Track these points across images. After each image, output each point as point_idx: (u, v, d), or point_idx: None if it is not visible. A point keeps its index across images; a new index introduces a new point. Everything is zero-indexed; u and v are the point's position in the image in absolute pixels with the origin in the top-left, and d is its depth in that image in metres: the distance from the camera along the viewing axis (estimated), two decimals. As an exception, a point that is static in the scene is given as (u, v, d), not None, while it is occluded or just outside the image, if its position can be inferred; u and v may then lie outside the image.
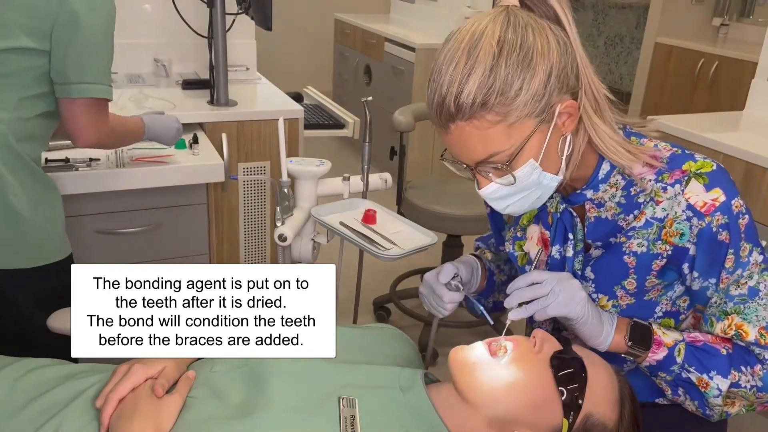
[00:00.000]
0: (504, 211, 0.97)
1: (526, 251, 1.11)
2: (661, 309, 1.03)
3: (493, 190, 0.93)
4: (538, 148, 0.89)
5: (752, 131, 2.30)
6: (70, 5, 1.29)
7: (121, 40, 2.45)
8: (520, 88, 0.84)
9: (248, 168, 2.18)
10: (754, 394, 0.95)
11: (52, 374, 1.02)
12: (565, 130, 0.91)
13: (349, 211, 1.34)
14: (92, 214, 1.89)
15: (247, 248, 2.27)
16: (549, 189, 0.95)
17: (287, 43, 5.28)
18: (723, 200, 0.92)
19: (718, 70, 3.79)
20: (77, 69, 1.32)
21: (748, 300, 0.95)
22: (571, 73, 0.88)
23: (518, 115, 0.85)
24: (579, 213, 1.04)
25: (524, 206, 0.96)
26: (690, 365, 0.96)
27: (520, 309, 0.97)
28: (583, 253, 1.04)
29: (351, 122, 2.35)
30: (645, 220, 0.96)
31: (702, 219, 0.92)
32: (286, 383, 0.92)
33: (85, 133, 1.39)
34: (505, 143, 0.87)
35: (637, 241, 0.97)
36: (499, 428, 0.91)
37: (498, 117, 0.85)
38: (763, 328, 0.94)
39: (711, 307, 0.98)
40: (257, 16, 2.15)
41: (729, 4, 4.28)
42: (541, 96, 0.85)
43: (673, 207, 0.94)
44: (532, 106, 0.85)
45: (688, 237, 0.94)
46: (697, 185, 0.93)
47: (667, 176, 0.95)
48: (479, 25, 0.86)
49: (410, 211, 2.43)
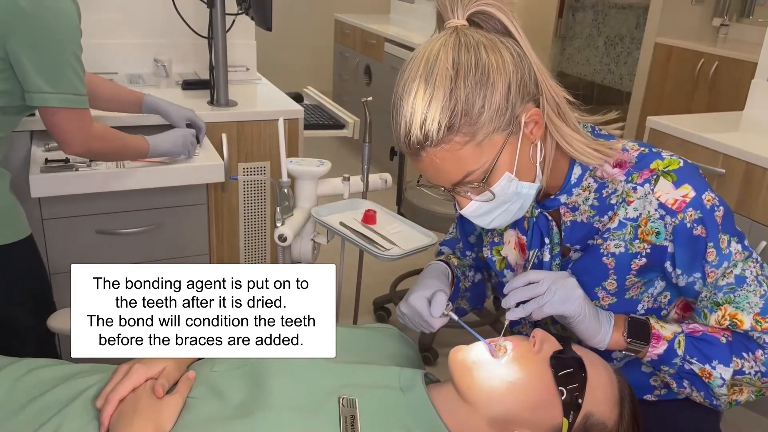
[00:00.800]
0: (489, 226, 0.98)
1: (504, 255, 1.12)
2: (643, 306, 1.04)
3: (474, 208, 0.94)
4: (511, 161, 0.90)
5: (752, 131, 2.29)
6: (24, 11, 1.29)
7: (121, 40, 2.48)
8: (483, 106, 0.85)
9: (248, 168, 2.18)
10: (759, 380, 0.95)
11: (52, 374, 1.03)
12: (534, 137, 0.92)
13: (349, 212, 1.35)
14: (92, 215, 1.89)
15: (247, 248, 2.27)
16: (529, 198, 0.96)
17: (287, 44, 5.28)
18: (693, 195, 0.93)
19: (718, 70, 3.79)
20: (37, 78, 1.33)
21: (736, 288, 0.95)
22: (530, 82, 0.89)
23: (485, 132, 0.86)
24: (555, 217, 1.04)
25: (508, 218, 0.98)
26: (692, 356, 0.96)
27: (518, 309, 0.97)
28: (560, 257, 1.05)
29: (351, 122, 2.35)
30: (618, 221, 0.97)
31: (674, 216, 0.93)
32: (286, 383, 0.93)
33: (64, 142, 1.41)
34: (478, 161, 0.88)
35: (613, 242, 0.98)
36: (499, 428, 0.91)
37: (466, 137, 0.86)
38: (757, 314, 0.94)
39: (702, 300, 0.99)
40: (257, 16, 2.15)
41: (729, 5, 4.28)
42: (504, 110, 0.86)
43: (645, 206, 0.95)
44: (497, 121, 0.86)
45: (665, 235, 0.95)
46: (665, 183, 0.94)
47: (636, 176, 0.96)
48: (431, 50, 0.86)
49: (410, 211, 2.43)
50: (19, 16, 1.28)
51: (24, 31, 1.30)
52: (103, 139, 1.50)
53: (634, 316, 1.00)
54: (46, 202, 1.83)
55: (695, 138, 2.12)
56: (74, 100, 1.38)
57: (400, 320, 1.10)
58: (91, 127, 1.44)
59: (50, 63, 1.34)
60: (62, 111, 1.37)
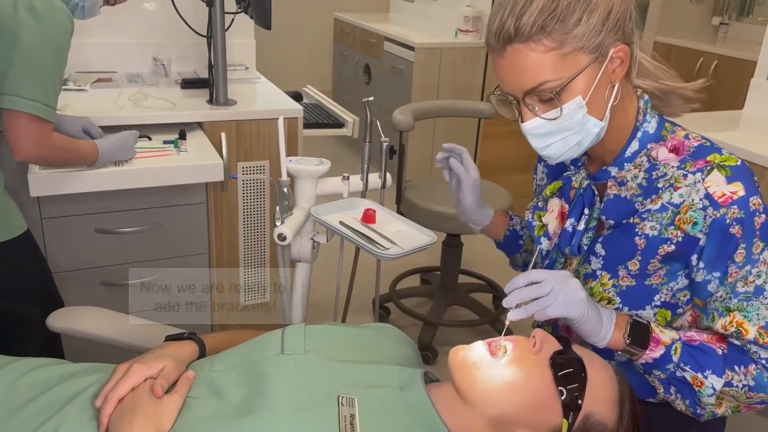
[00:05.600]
0: (543, 151, 0.98)
1: (544, 223, 1.12)
2: (660, 298, 1.04)
3: (537, 125, 0.95)
4: (586, 87, 0.91)
5: (751, 130, 2.29)
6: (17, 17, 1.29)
7: (120, 40, 2.48)
8: (579, 20, 0.87)
9: (248, 167, 2.18)
10: (745, 394, 0.96)
11: (52, 374, 1.02)
12: (615, 77, 0.94)
13: (349, 211, 1.34)
14: (92, 214, 1.89)
15: (246, 248, 2.27)
16: (590, 134, 0.96)
17: (287, 43, 5.28)
18: (742, 195, 0.93)
19: (717, 69, 3.79)
20: (15, 81, 1.33)
21: (752, 298, 0.95)
22: (628, 22, 0.92)
23: (574, 46, 0.88)
24: (600, 191, 1.06)
25: (563, 149, 0.97)
26: (686, 364, 0.96)
27: (520, 309, 0.97)
28: (594, 231, 1.06)
29: (350, 121, 2.34)
30: (661, 204, 0.98)
31: (717, 209, 0.93)
32: (285, 382, 0.92)
33: (18, 147, 1.40)
34: (556, 73, 0.89)
35: (650, 224, 0.99)
36: (498, 428, 0.91)
37: (554, 44, 0.88)
38: (762, 327, 0.94)
39: (715, 301, 0.98)
40: (256, 15, 2.15)
41: (728, 3, 4.27)
42: (598, 32, 0.89)
43: (690, 194, 0.96)
44: (587, 40, 0.88)
45: (701, 226, 0.95)
46: (718, 176, 0.95)
47: (689, 164, 0.97)
48: None
49: (410, 210, 2.43)
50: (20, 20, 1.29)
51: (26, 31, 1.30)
52: (55, 149, 1.50)
53: (637, 318, 0.99)
54: (46, 202, 1.83)
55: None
56: (43, 110, 1.38)
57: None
58: (50, 138, 1.44)
59: (34, 70, 1.34)
60: (26, 117, 1.36)
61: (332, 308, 1.62)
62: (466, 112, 2.83)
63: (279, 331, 1.04)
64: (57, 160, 1.56)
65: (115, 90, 2.24)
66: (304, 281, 1.42)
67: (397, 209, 2.51)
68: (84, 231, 1.89)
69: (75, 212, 1.86)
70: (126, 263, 1.95)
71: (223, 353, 1.04)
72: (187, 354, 1.05)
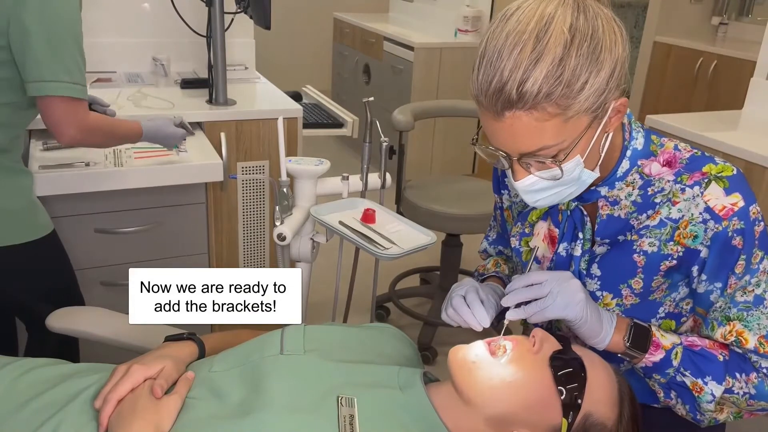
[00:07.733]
0: (534, 203, 0.95)
1: (531, 247, 1.10)
2: (664, 310, 1.03)
3: (531, 182, 0.90)
4: (585, 145, 0.87)
5: (751, 130, 2.29)
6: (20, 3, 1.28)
7: (120, 39, 2.48)
8: (586, 82, 0.81)
9: (247, 167, 2.18)
10: (746, 401, 0.96)
11: (51, 374, 1.02)
12: (610, 127, 0.89)
13: (349, 211, 1.34)
14: (92, 214, 1.89)
15: (246, 247, 2.27)
16: (584, 185, 0.94)
17: (286, 42, 5.28)
18: (742, 205, 0.92)
19: (716, 68, 3.79)
20: (36, 67, 1.32)
21: (752, 308, 0.95)
22: (627, 70, 0.86)
23: (577, 109, 0.82)
24: (589, 211, 1.03)
25: (555, 200, 0.95)
26: (686, 369, 0.96)
27: (518, 309, 0.97)
28: (589, 252, 1.04)
29: (350, 121, 2.34)
30: (659, 220, 0.96)
31: (719, 222, 0.92)
32: (285, 382, 0.92)
33: (59, 131, 1.39)
34: (557, 138, 0.84)
35: (648, 240, 0.97)
36: (498, 428, 0.91)
37: (558, 110, 0.81)
38: (762, 336, 0.94)
39: (715, 311, 0.98)
40: (256, 15, 2.15)
41: (728, 3, 4.27)
42: (602, 91, 0.83)
43: (690, 208, 0.94)
44: (591, 102, 0.82)
45: (702, 239, 0.94)
46: (717, 188, 0.93)
47: (686, 177, 0.95)
48: (546, 7, 0.81)
49: (409, 210, 2.43)
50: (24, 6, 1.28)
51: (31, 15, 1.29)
52: (98, 130, 1.48)
53: (638, 322, 0.99)
54: (46, 201, 1.82)
55: (694, 137, 2.12)
56: (71, 89, 1.36)
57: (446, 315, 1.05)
58: (87, 117, 1.42)
59: (51, 52, 1.32)
60: (56, 100, 1.35)
61: (332, 308, 1.62)
62: (466, 112, 2.83)
63: (278, 331, 1.04)
64: (101, 140, 1.53)
65: (114, 90, 2.24)
66: (304, 281, 1.42)
67: (397, 209, 2.51)
68: (84, 231, 1.89)
69: (75, 212, 1.86)
70: (126, 263, 1.95)
71: (223, 353, 1.04)
72: (187, 354, 1.05)
